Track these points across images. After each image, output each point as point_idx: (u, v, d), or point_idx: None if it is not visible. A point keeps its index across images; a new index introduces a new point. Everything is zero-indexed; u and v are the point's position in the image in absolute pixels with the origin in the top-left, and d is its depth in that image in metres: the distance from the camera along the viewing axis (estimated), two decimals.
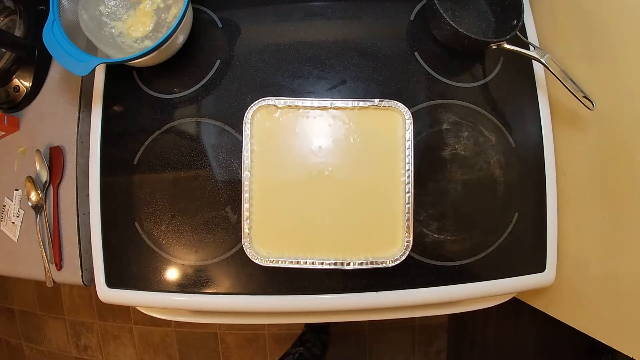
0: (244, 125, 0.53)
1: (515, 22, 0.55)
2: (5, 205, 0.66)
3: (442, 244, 0.57)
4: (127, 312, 1.48)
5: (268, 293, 0.56)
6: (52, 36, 0.50)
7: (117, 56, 0.54)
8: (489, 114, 0.59)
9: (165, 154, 0.58)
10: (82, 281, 0.61)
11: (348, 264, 0.52)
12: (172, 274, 0.57)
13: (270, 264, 0.51)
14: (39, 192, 0.62)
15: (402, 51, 0.60)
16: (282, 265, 0.51)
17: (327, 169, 0.54)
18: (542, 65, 0.55)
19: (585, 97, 0.51)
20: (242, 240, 0.52)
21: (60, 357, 1.53)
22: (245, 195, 0.52)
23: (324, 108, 0.54)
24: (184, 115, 0.59)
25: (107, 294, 0.58)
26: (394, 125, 0.54)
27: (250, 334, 1.44)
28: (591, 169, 0.57)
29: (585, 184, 0.58)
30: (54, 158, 0.63)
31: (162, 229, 0.57)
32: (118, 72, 0.60)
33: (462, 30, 0.53)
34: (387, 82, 0.59)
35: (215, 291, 0.56)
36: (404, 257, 0.51)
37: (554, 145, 0.59)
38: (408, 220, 0.52)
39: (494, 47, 0.55)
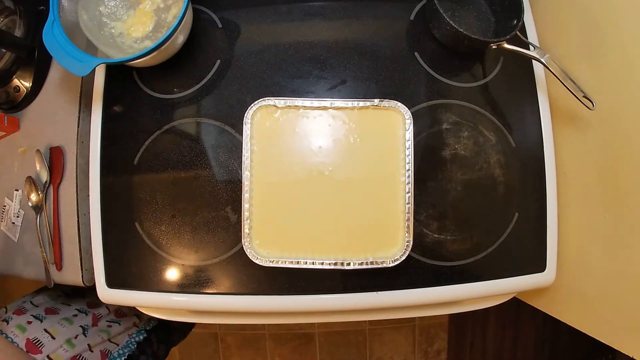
0: (244, 125, 0.53)
1: (515, 21, 0.55)
2: (5, 206, 0.66)
3: (442, 244, 0.57)
4: None
5: (268, 293, 0.56)
6: (52, 36, 0.50)
7: (117, 56, 0.54)
8: (489, 114, 0.59)
9: (165, 154, 0.58)
10: (83, 281, 0.61)
11: (348, 264, 0.52)
12: (172, 274, 0.57)
13: (271, 264, 0.51)
14: (39, 192, 0.62)
15: (402, 51, 0.60)
16: (282, 265, 0.51)
17: (327, 169, 0.54)
18: (542, 65, 0.55)
19: (585, 96, 0.51)
20: (242, 240, 0.52)
21: None
22: (246, 195, 0.52)
23: (324, 108, 0.54)
24: (184, 115, 0.59)
25: (107, 294, 0.58)
26: (394, 125, 0.54)
27: (250, 334, 1.44)
28: (591, 169, 0.57)
29: (586, 184, 0.58)
30: (54, 158, 0.63)
31: (162, 229, 0.57)
32: (118, 72, 0.60)
33: (462, 30, 0.53)
34: (387, 82, 0.59)
35: (215, 291, 0.56)
36: (404, 257, 0.51)
37: (554, 145, 0.59)
38: (408, 220, 0.52)
39: (494, 47, 0.55)
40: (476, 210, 0.58)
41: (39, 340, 0.61)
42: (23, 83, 0.64)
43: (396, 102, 0.53)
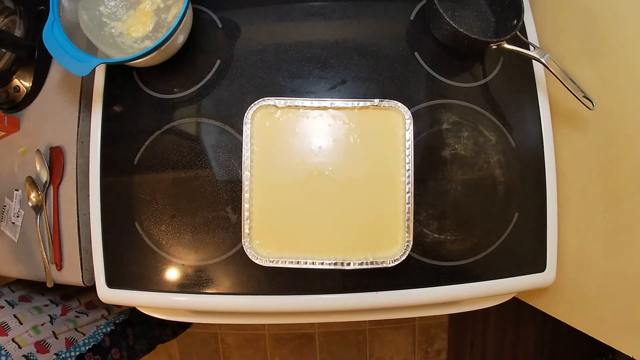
0: (244, 125, 0.53)
1: (515, 21, 0.55)
2: (5, 206, 0.66)
3: (442, 244, 0.57)
4: None
5: (268, 293, 0.56)
6: (52, 36, 0.50)
7: (117, 56, 0.54)
8: (489, 114, 0.59)
9: (165, 154, 0.58)
10: (82, 281, 0.61)
11: (348, 264, 0.52)
12: (172, 274, 0.57)
13: (271, 264, 0.51)
14: (39, 192, 0.62)
15: (402, 51, 0.60)
16: (282, 265, 0.51)
17: (327, 169, 0.54)
18: (542, 65, 0.55)
19: (585, 96, 0.52)
20: (242, 240, 0.52)
21: None
22: (246, 195, 0.52)
23: (324, 108, 0.54)
24: (184, 115, 0.59)
25: (107, 294, 0.58)
26: (394, 125, 0.54)
27: (250, 334, 1.44)
28: (591, 169, 0.57)
29: (585, 184, 0.58)
30: (54, 158, 0.63)
31: (162, 229, 0.57)
32: (118, 73, 0.60)
33: (462, 30, 0.53)
34: (387, 82, 0.59)
35: (215, 291, 0.56)
36: (404, 257, 0.51)
37: (554, 145, 0.59)
38: (408, 220, 0.52)
39: (494, 47, 0.55)
40: (476, 210, 0.58)
41: (6, 323, 0.63)
42: (23, 83, 0.64)
43: (396, 102, 0.53)
